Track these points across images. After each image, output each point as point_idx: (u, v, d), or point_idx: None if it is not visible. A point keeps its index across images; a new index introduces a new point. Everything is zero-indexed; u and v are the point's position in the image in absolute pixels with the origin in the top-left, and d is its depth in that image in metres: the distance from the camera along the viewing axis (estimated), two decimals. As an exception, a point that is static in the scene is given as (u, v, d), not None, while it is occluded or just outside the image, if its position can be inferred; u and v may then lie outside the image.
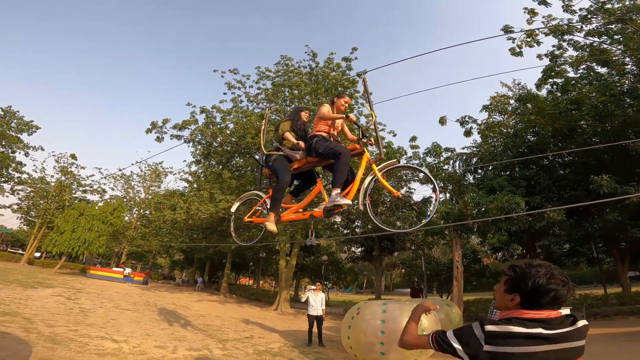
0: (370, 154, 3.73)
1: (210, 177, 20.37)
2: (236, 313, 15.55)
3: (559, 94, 12.97)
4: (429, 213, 3.28)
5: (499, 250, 19.38)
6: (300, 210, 4.05)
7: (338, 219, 4.10)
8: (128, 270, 23.76)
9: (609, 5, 10.29)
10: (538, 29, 11.00)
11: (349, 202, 3.43)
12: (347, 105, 4.03)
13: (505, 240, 12.16)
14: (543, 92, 14.33)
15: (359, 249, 24.60)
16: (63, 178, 29.66)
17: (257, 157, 5.29)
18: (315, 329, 9.36)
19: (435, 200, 3.35)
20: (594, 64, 12.21)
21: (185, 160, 67.39)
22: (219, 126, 17.82)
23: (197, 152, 20.10)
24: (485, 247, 20.50)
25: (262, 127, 4.63)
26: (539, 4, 10.40)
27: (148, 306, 13.47)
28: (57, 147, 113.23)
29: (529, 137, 14.67)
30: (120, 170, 29.38)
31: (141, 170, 31.49)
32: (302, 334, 10.69)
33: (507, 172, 14.38)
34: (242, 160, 19.92)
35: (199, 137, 18.59)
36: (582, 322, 1.24)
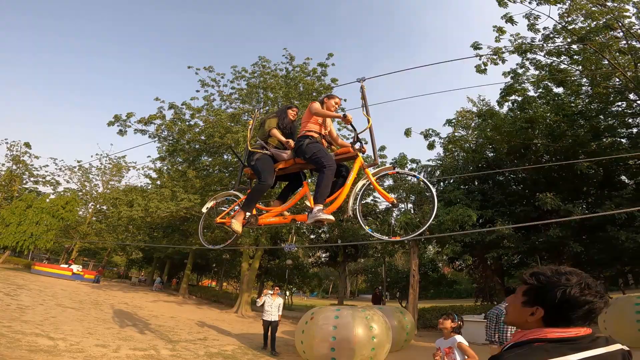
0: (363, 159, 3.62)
1: (175, 174, 19.78)
2: (193, 315, 15.08)
3: (518, 112, 13.67)
4: (427, 221, 3.19)
5: (454, 260, 20.22)
6: (283, 213, 3.78)
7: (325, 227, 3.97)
8: (77, 267, 22.31)
9: (572, 26, 10.52)
10: (505, 47, 11.14)
11: (331, 218, 3.23)
12: (337, 106, 3.82)
13: (459, 251, 12.73)
14: (505, 109, 15.07)
15: (325, 254, 24.73)
16: (14, 167, 27.60)
17: (238, 155, 4.62)
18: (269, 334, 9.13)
19: (433, 207, 3.24)
20: (552, 83, 12.76)
21: (149, 156, 64.61)
22: (187, 123, 17.42)
23: (163, 148, 19.52)
24: (443, 257, 21.33)
25: (250, 126, 4.42)
26: (506, 22, 10.52)
27: (95, 305, 12.77)
28: (11, 134, 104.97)
29: (487, 152, 15.51)
30: (78, 162, 27.74)
31: (101, 163, 29.91)
32: (259, 337, 10.54)
33: (466, 186, 15.11)
34: (210, 159, 19.54)
35: (165, 134, 18.08)
36: (617, 346, 0.99)
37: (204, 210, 4.27)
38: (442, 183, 16.14)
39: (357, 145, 3.47)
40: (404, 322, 9.41)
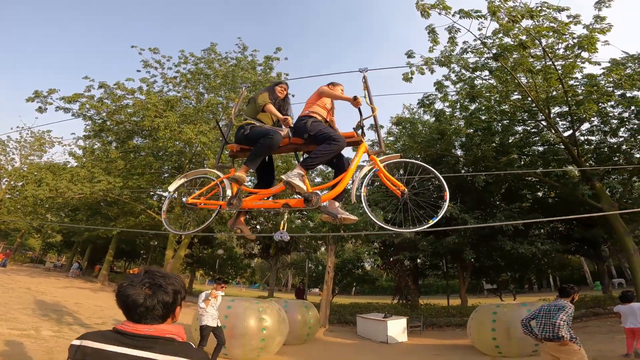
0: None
1: (101, 155, 18.68)
2: (104, 302, 14.44)
3: (435, 123, 14.43)
4: (438, 214, 3.01)
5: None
6: (269, 197, 3.51)
7: (337, 205, 3.42)
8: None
9: (490, 41, 10.45)
10: (435, 58, 10.87)
11: (303, 186, 3.04)
12: (341, 92, 3.59)
13: (372, 252, 13.70)
14: (429, 118, 15.76)
15: (258, 246, 24.91)
16: None
17: (222, 130, 3.78)
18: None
19: (445, 200, 3.10)
20: (463, 99, 13.18)
21: (73, 133, 59.22)
22: (117, 104, 16.53)
23: (89, 127, 18.33)
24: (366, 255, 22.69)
25: (236, 104, 4.19)
26: (429, 33, 10.33)
27: (-11, 289, 11.80)
28: None
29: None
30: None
31: (21, 136, 27.01)
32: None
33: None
34: (142, 141, 18.73)
35: (92, 112, 17.00)
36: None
37: (171, 189, 3.88)
38: (368, 187, 17.11)
39: (360, 132, 3.35)
40: (307, 317, 9.89)
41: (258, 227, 23.05)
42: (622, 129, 12.69)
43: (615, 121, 12.70)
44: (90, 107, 16.04)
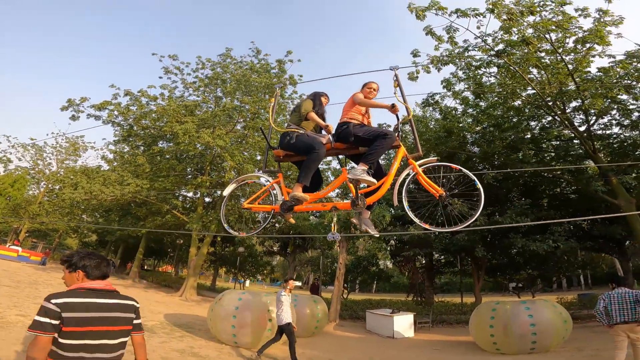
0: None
1: (130, 158, 20.06)
2: (134, 296, 15.37)
3: (444, 121, 14.40)
4: (473, 213, 3.21)
5: (395, 256, 21.80)
6: (320, 200, 3.70)
7: (368, 216, 3.66)
8: (18, 248, 22.07)
9: (491, 39, 10.28)
10: (441, 54, 10.85)
11: (373, 180, 3.22)
12: (374, 92, 3.76)
13: (385, 249, 14.02)
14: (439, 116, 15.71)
15: (277, 244, 25.69)
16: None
17: (266, 135, 4.13)
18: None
19: (480, 200, 3.24)
20: (471, 94, 13.21)
21: (104, 138, 62.90)
22: (141, 111, 17.73)
23: (119, 132, 19.74)
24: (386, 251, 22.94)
25: (272, 105, 4.38)
26: (426, 34, 10.27)
27: (32, 284, 13.11)
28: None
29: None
30: (32, 140, 26.93)
31: (56, 142, 29.21)
32: (185, 317, 11.40)
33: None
34: (167, 145, 19.87)
35: (119, 119, 18.30)
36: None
37: (226, 193, 4.13)
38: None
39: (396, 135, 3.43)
40: (315, 311, 10.36)
41: (277, 225, 23.88)
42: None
43: (638, 114, 12.33)
44: (118, 113, 17.30)
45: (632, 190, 12.84)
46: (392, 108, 3.24)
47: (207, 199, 20.94)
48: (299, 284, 43.90)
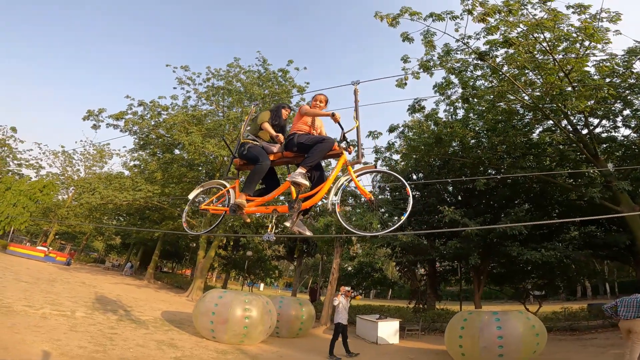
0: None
1: (144, 165, 21.39)
2: (144, 295, 16.55)
3: (433, 128, 14.24)
4: (404, 213, 3.38)
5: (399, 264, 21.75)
6: (264, 204, 3.96)
7: (301, 217, 3.90)
8: (44, 249, 23.86)
9: (473, 41, 10.09)
10: (431, 59, 10.78)
11: (307, 183, 3.43)
12: (321, 103, 4.00)
13: (385, 256, 14.19)
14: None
15: (284, 248, 26.27)
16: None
17: (229, 146, 5.66)
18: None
19: (408, 195, 3.41)
20: (458, 101, 13.09)
21: (124, 146, 66.53)
22: (155, 120, 18.94)
23: (136, 141, 21.10)
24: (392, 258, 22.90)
25: (247, 119, 4.64)
26: (403, 40, 10.19)
27: (50, 281, 14.30)
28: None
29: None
30: (62, 147, 29.20)
31: (84, 149, 31.45)
32: (181, 315, 12.06)
33: (397, 193, 16.58)
34: (178, 153, 21.00)
35: (136, 128, 19.60)
36: None
37: (190, 197, 4.49)
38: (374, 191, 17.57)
39: (344, 144, 3.61)
40: (300, 313, 10.76)
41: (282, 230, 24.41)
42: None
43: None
44: (133, 123, 18.56)
45: (638, 199, 12.34)
46: (333, 116, 3.44)
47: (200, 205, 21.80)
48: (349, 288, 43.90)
